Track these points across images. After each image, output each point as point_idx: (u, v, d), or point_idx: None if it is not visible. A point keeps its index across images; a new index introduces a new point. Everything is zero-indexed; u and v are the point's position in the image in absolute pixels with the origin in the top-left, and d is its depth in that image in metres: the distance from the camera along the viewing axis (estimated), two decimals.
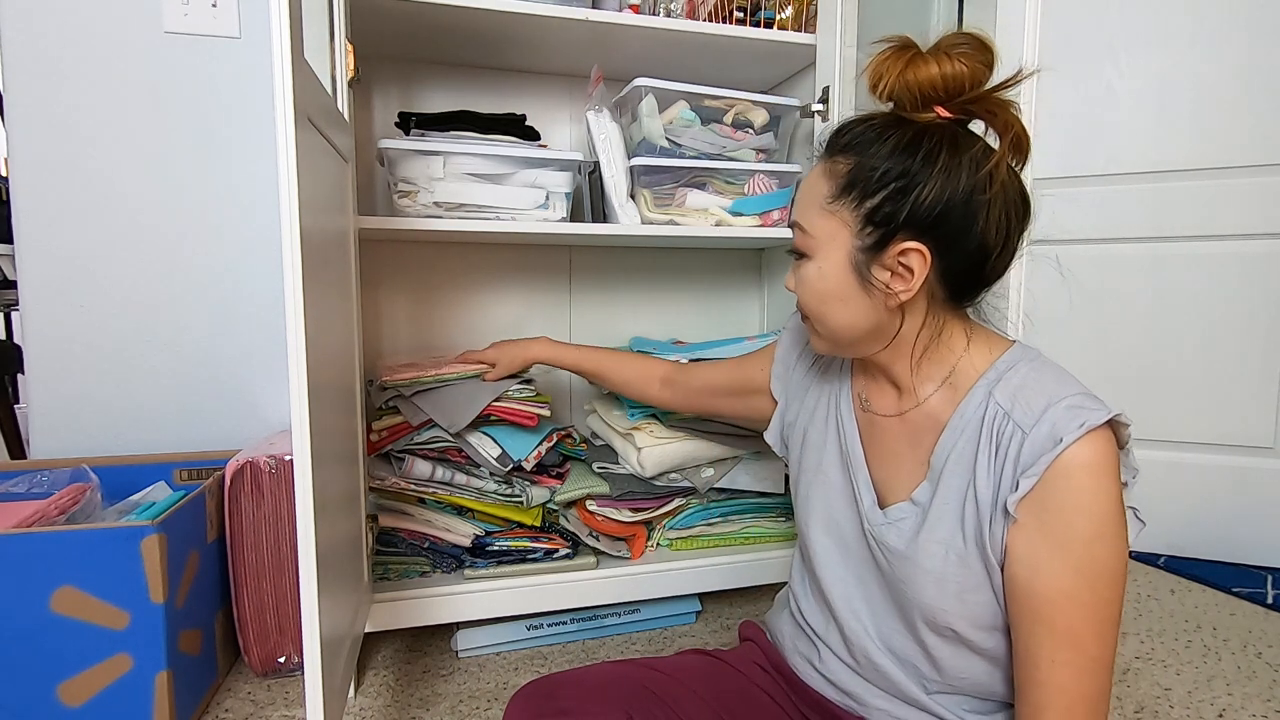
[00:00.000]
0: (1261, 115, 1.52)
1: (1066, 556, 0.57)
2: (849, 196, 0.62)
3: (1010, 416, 0.59)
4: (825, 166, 0.65)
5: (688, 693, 0.73)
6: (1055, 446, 0.56)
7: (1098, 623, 0.57)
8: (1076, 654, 0.57)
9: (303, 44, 0.69)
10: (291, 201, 0.65)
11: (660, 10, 1.31)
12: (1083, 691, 0.58)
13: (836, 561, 0.74)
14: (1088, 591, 0.57)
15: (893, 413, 0.70)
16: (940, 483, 0.64)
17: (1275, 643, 1.28)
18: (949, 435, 0.64)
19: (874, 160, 0.61)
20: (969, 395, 0.63)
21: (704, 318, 1.64)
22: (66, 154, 1.26)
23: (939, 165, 0.59)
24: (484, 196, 1.18)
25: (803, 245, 0.65)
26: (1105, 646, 0.58)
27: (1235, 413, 1.58)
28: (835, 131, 0.66)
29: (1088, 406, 0.57)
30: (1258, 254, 1.55)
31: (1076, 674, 0.58)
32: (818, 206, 0.64)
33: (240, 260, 1.35)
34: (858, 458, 0.72)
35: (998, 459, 0.60)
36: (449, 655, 1.22)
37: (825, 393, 0.79)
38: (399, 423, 1.16)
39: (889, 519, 0.67)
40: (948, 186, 0.59)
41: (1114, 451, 0.57)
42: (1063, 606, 0.57)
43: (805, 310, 0.68)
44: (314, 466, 0.69)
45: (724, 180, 1.31)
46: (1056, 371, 0.62)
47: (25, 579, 0.89)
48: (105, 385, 1.31)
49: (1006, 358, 0.64)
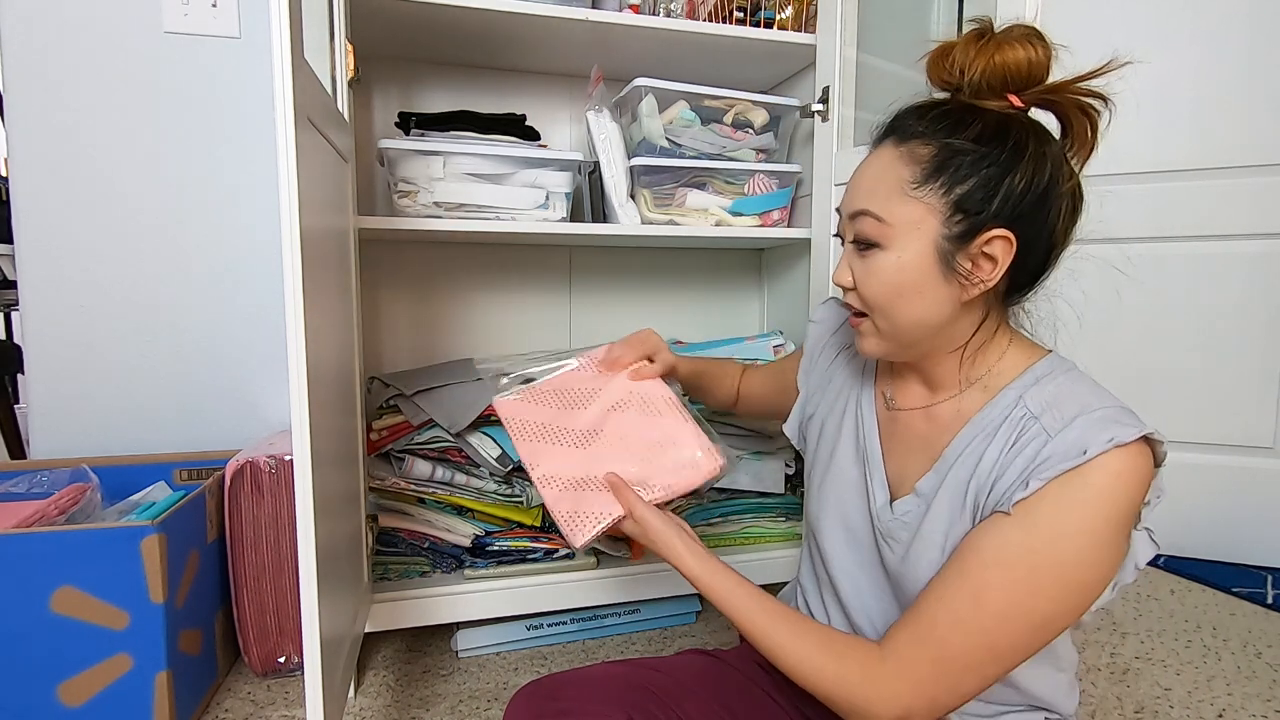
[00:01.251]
0: (1261, 115, 1.52)
1: (1028, 532, 0.54)
2: (937, 181, 0.59)
3: (1038, 419, 0.57)
4: (901, 151, 0.61)
5: (688, 693, 0.73)
6: (1078, 456, 0.53)
7: (1011, 606, 0.54)
8: (970, 608, 0.55)
9: (303, 44, 0.69)
10: (291, 201, 0.65)
11: (660, 10, 1.31)
12: (949, 643, 0.55)
13: (847, 557, 0.73)
14: (1025, 571, 0.53)
15: (919, 405, 0.69)
16: (948, 475, 0.63)
17: (1275, 643, 1.28)
18: (968, 431, 0.63)
19: (962, 145, 0.58)
20: (999, 396, 0.62)
21: (704, 318, 1.64)
22: (66, 154, 1.26)
23: (1028, 154, 0.58)
24: (484, 196, 1.18)
25: (876, 235, 0.60)
26: (1002, 631, 0.54)
27: (1235, 413, 1.58)
28: (905, 114, 0.63)
29: (1121, 421, 0.54)
30: (1258, 254, 1.55)
31: (955, 624, 0.55)
32: (898, 193, 0.59)
33: (240, 260, 1.35)
34: (875, 455, 0.71)
35: (1011, 451, 0.58)
36: (449, 655, 1.22)
37: (847, 387, 0.78)
38: (399, 422, 1.16)
39: (896, 514, 0.67)
40: (1036, 176, 0.58)
41: (1140, 473, 0.53)
42: (990, 566, 0.55)
43: (873, 304, 0.63)
44: (314, 466, 0.69)
45: (724, 180, 1.31)
46: (1093, 385, 0.60)
47: (25, 579, 0.89)
48: (105, 385, 1.31)
49: (1043, 364, 0.63)
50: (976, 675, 0.56)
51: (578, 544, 0.74)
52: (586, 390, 0.85)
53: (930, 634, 0.56)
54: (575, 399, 0.84)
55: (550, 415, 0.83)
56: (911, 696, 0.56)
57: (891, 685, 0.57)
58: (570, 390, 0.85)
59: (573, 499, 0.76)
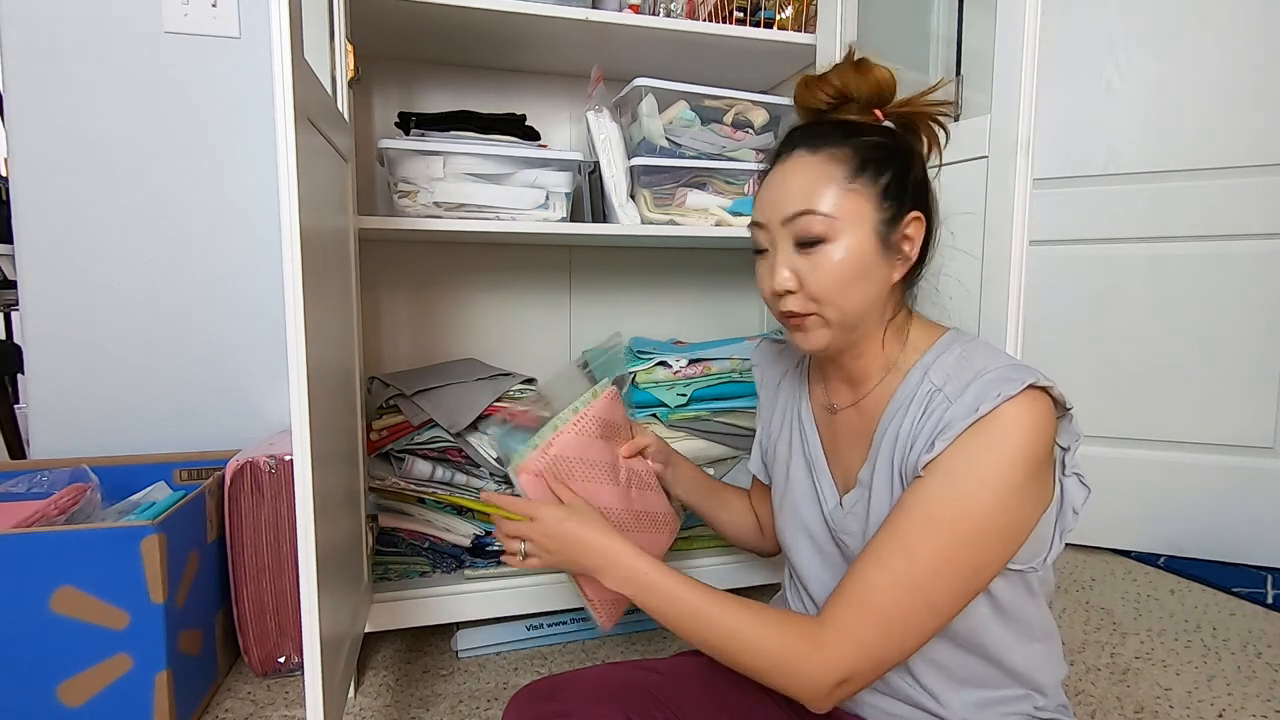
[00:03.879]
0: (1261, 115, 1.52)
1: (947, 485, 0.58)
2: (866, 174, 0.65)
3: (942, 390, 0.63)
4: (820, 156, 0.66)
5: (687, 694, 0.74)
6: (973, 414, 0.58)
7: (940, 558, 0.57)
8: (901, 565, 0.58)
9: (303, 44, 0.69)
10: (291, 201, 0.65)
11: (660, 10, 1.31)
12: (880, 598, 0.58)
13: (815, 565, 0.76)
14: (948, 524, 0.58)
15: (850, 403, 0.73)
16: (878, 459, 0.67)
17: (1275, 643, 1.28)
18: (888, 413, 0.68)
19: (871, 143, 0.66)
20: (908, 376, 0.67)
21: (704, 318, 1.64)
22: (66, 154, 1.26)
23: (912, 150, 0.68)
24: (484, 196, 1.18)
25: (824, 230, 0.64)
26: (935, 584, 0.58)
27: (1235, 413, 1.58)
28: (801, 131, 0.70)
29: (1010, 378, 0.59)
30: (1258, 254, 1.55)
31: (888, 581, 0.58)
32: (838, 188, 0.64)
33: (240, 260, 1.35)
34: (819, 459, 0.75)
35: (920, 422, 0.63)
36: (449, 655, 1.22)
37: (788, 407, 0.83)
38: (399, 422, 1.16)
39: (845, 509, 0.71)
40: (922, 167, 0.68)
41: (1039, 420, 0.58)
42: (916, 522, 0.59)
43: (823, 297, 0.65)
44: (314, 466, 0.69)
45: (724, 180, 1.31)
46: (988, 349, 0.65)
47: (25, 579, 0.89)
48: (105, 385, 1.31)
49: (943, 340, 0.68)
50: (916, 629, 0.59)
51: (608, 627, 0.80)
52: (599, 461, 0.83)
53: (869, 596, 0.59)
54: (584, 469, 0.82)
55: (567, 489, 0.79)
56: (854, 659, 0.58)
57: (833, 649, 0.58)
58: (577, 456, 0.81)
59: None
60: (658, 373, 1.27)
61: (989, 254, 0.90)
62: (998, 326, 0.88)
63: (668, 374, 1.26)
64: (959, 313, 0.94)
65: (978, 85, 1.71)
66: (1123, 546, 1.69)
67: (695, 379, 1.27)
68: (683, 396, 1.25)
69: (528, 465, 0.78)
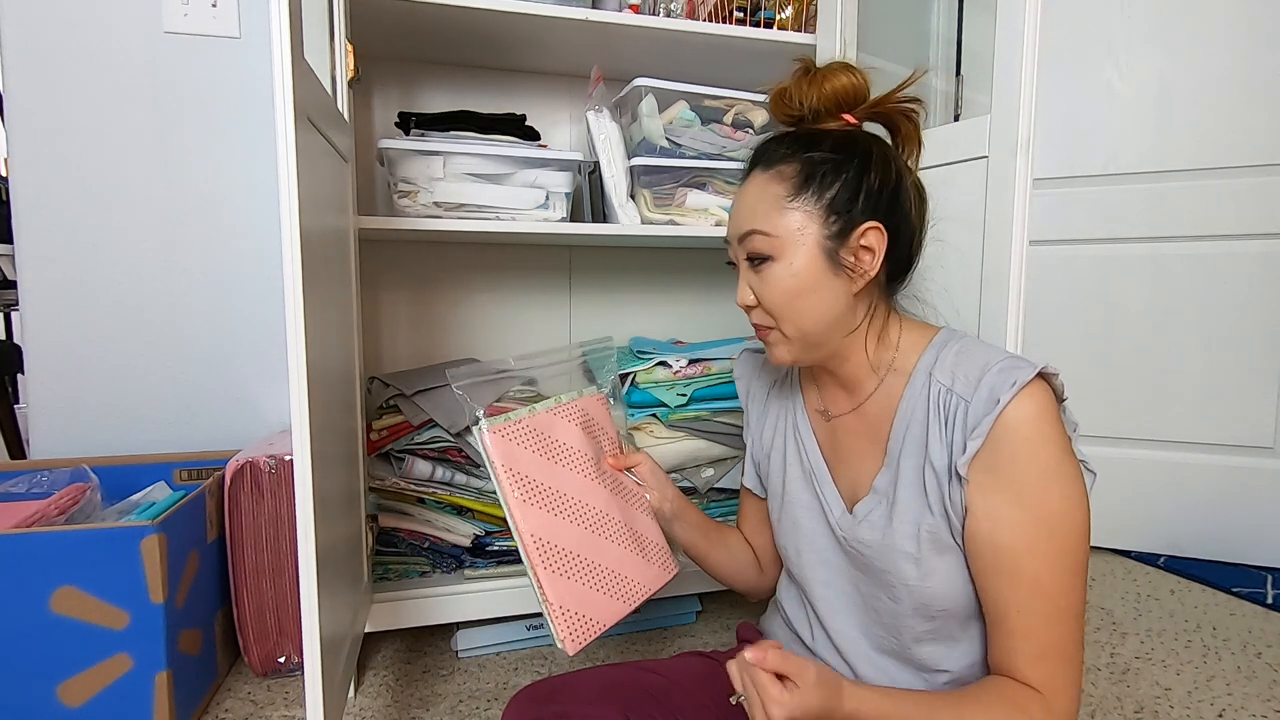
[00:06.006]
0: (1261, 115, 1.52)
1: (1022, 505, 0.59)
2: (807, 191, 0.65)
3: (953, 391, 0.63)
4: (770, 174, 0.67)
5: (686, 695, 0.74)
6: (995, 407, 0.59)
7: (1061, 571, 0.59)
8: (1043, 602, 0.59)
9: (303, 44, 0.69)
10: (291, 201, 0.65)
11: (660, 10, 1.31)
12: (1052, 638, 0.59)
13: (821, 578, 0.74)
14: (1047, 539, 0.59)
15: (848, 410, 0.72)
16: (899, 465, 0.66)
17: (1275, 643, 1.28)
18: (901, 418, 0.67)
19: (821, 157, 0.66)
20: (913, 377, 0.67)
21: (704, 318, 1.64)
22: (66, 154, 1.26)
23: (874, 156, 0.67)
24: (484, 196, 1.18)
25: (767, 248, 0.66)
26: (1071, 595, 0.59)
27: (1235, 413, 1.58)
28: (764, 146, 0.70)
29: (1018, 366, 0.60)
30: (1258, 254, 1.55)
31: (1045, 621, 0.59)
32: (777, 208, 0.66)
33: (240, 260, 1.35)
34: (821, 470, 0.75)
35: (948, 430, 0.63)
36: (449, 655, 1.22)
37: (782, 419, 0.81)
38: (399, 422, 1.16)
39: (858, 517, 0.69)
40: (886, 173, 0.67)
41: (1051, 403, 0.60)
42: (1025, 555, 0.59)
43: (777, 313, 0.67)
44: (314, 466, 0.69)
45: (724, 180, 1.31)
46: (983, 345, 0.66)
47: (25, 579, 0.89)
48: (105, 385, 1.31)
49: (938, 339, 0.68)
50: (1081, 638, 0.61)
51: (571, 651, 0.68)
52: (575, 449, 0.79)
53: (1042, 645, 0.60)
54: (559, 451, 0.78)
55: (541, 468, 0.75)
56: (1072, 701, 0.60)
57: (1060, 704, 0.59)
58: (554, 438, 0.78)
59: (577, 594, 0.70)
60: (658, 373, 1.27)
61: (989, 254, 0.90)
62: (998, 327, 0.88)
63: (668, 374, 1.27)
64: (960, 313, 0.94)
65: (978, 85, 1.72)
66: (1123, 546, 1.69)
67: (695, 379, 1.27)
68: (683, 396, 1.25)
69: (497, 427, 0.74)
